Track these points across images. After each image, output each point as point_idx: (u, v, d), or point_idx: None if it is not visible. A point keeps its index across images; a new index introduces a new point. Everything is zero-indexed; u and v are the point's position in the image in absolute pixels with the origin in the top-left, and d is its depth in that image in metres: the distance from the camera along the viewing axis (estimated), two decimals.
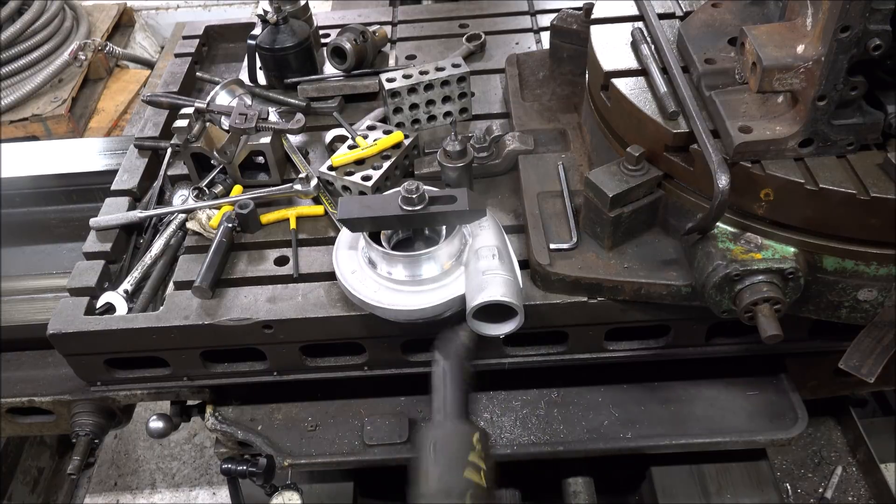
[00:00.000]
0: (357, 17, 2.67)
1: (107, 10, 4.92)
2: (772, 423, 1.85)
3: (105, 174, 2.32)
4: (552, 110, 2.10)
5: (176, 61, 2.53)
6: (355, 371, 1.84)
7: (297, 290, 1.75)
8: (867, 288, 1.50)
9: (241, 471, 1.93)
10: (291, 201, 1.99)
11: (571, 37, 2.15)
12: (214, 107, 1.91)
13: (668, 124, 1.53)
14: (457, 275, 1.61)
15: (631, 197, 1.58)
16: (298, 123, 1.89)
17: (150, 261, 1.91)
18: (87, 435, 1.95)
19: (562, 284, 1.64)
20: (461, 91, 2.15)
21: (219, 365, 1.84)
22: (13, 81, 4.15)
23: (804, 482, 2.56)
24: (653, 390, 1.94)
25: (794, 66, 1.33)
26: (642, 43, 1.72)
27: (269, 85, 2.32)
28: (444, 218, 1.60)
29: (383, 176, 1.91)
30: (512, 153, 1.94)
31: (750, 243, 1.49)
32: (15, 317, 2.03)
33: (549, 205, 1.77)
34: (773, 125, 1.41)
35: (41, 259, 2.36)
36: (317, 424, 1.93)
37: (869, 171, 1.38)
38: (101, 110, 4.39)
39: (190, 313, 1.71)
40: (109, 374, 1.84)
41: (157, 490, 3.23)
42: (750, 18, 1.68)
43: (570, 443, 1.85)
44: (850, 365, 1.49)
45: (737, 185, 1.39)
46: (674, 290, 1.59)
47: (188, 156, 2.01)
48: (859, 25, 1.22)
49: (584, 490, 2.06)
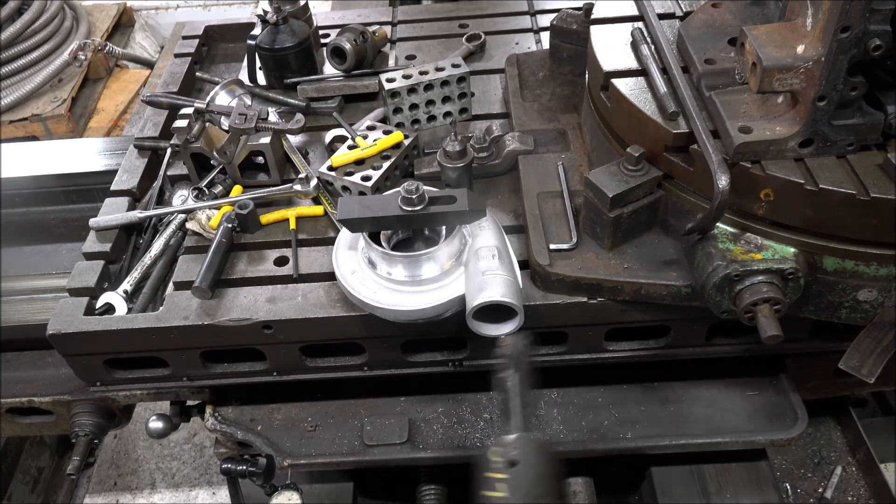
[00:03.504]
0: (357, 17, 2.67)
1: (107, 10, 4.92)
2: (772, 423, 1.85)
3: (105, 174, 2.32)
4: (552, 110, 2.10)
5: (176, 61, 2.53)
6: (355, 371, 1.84)
7: (296, 291, 1.75)
8: (867, 288, 1.50)
9: (241, 471, 1.93)
10: (291, 201, 1.99)
11: (571, 37, 2.15)
12: (214, 107, 1.91)
13: (668, 124, 1.53)
14: (457, 275, 1.61)
15: (631, 197, 1.58)
16: (298, 124, 1.89)
17: (150, 261, 1.91)
18: (87, 435, 1.95)
19: (562, 285, 1.64)
20: (461, 91, 2.15)
21: (218, 365, 1.84)
22: (13, 81, 4.14)
23: (804, 482, 2.55)
24: (653, 390, 1.93)
25: (794, 66, 1.33)
26: (642, 43, 1.72)
27: (269, 85, 2.32)
28: (443, 218, 1.60)
29: (383, 176, 1.91)
30: (512, 153, 1.94)
31: (750, 244, 1.49)
32: (15, 317, 2.03)
33: (549, 205, 1.77)
34: (773, 125, 1.41)
35: (41, 259, 2.36)
36: (316, 425, 1.93)
37: (869, 172, 1.38)
38: (101, 110, 4.39)
39: (190, 313, 1.71)
40: (109, 375, 1.84)
41: (157, 490, 3.23)
42: (750, 19, 1.67)
43: (570, 443, 1.85)
44: (850, 365, 1.49)
45: (737, 186, 1.39)
46: (674, 291, 1.59)
47: (188, 156, 2.01)
48: (859, 26, 1.22)
49: (584, 490, 2.05)
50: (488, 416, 1.92)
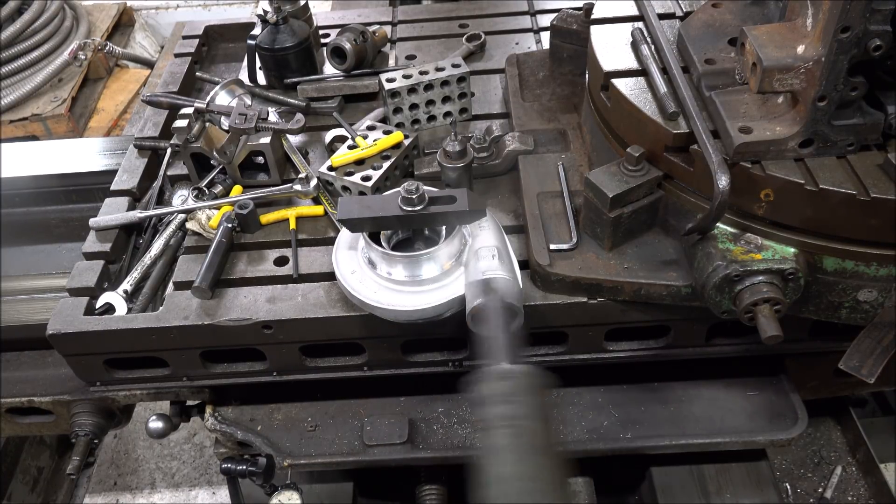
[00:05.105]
0: (357, 17, 2.66)
1: (106, 10, 4.92)
2: (772, 423, 1.85)
3: (105, 174, 2.31)
4: (552, 110, 2.10)
5: (176, 61, 2.53)
6: (355, 371, 1.84)
7: (296, 291, 1.75)
8: (867, 288, 1.50)
9: (241, 471, 1.93)
10: (291, 201, 1.99)
11: (571, 37, 2.15)
12: (214, 107, 1.90)
13: (668, 125, 1.53)
14: (457, 275, 1.61)
15: (631, 197, 1.58)
16: (298, 123, 1.89)
17: (150, 261, 1.91)
18: (87, 435, 1.94)
19: (562, 285, 1.64)
20: (461, 91, 2.14)
21: (218, 365, 1.84)
22: (13, 81, 4.14)
23: (804, 482, 2.55)
24: (653, 391, 1.93)
25: (794, 66, 1.33)
26: (642, 43, 1.72)
27: (269, 85, 2.32)
28: (443, 218, 1.59)
29: (383, 176, 1.91)
30: (512, 153, 1.94)
31: (750, 244, 1.49)
32: (14, 317, 2.03)
33: (549, 205, 1.77)
34: (774, 126, 1.41)
35: (41, 259, 2.36)
36: (316, 424, 1.93)
37: (869, 172, 1.38)
38: (101, 110, 4.39)
39: (189, 313, 1.71)
40: (109, 375, 1.84)
41: (157, 490, 3.23)
42: (750, 19, 1.67)
43: (570, 443, 1.85)
44: (851, 365, 1.49)
45: (737, 186, 1.39)
46: (674, 291, 1.59)
47: (188, 156, 2.01)
48: (859, 26, 1.21)
49: (584, 490, 2.06)
50: None
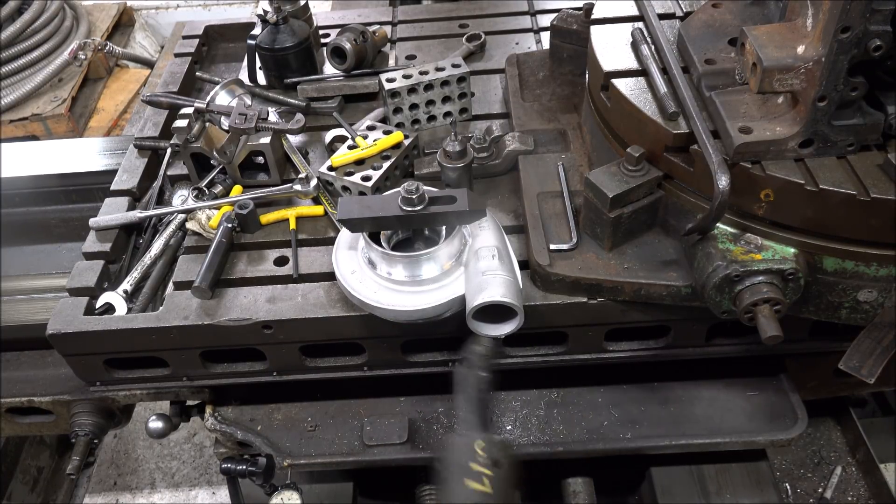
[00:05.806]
0: (357, 17, 2.67)
1: (107, 10, 4.92)
2: (771, 423, 1.85)
3: (105, 174, 2.32)
4: (552, 110, 2.10)
5: (176, 61, 2.53)
6: (355, 371, 1.84)
7: (296, 291, 1.75)
8: (867, 289, 1.50)
9: (241, 471, 1.93)
10: (291, 201, 1.99)
11: (571, 37, 2.15)
12: (214, 107, 1.90)
13: (669, 125, 1.53)
14: (457, 275, 1.61)
15: (631, 197, 1.58)
16: (298, 123, 1.89)
17: (150, 261, 1.91)
18: (87, 435, 1.95)
19: (562, 285, 1.64)
20: (461, 91, 2.14)
21: (218, 365, 1.84)
22: (13, 81, 4.14)
23: (804, 482, 2.56)
24: (653, 391, 1.93)
25: (794, 66, 1.33)
26: (642, 43, 1.72)
27: (269, 85, 2.32)
28: (443, 218, 1.60)
29: (383, 176, 1.91)
30: (512, 153, 1.94)
31: (750, 244, 1.49)
32: (14, 317, 2.03)
33: (549, 205, 1.77)
34: (774, 126, 1.41)
35: (41, 259, 2.36)
36: (316, 425, 1.93)
37: (869, 172, 1.38)
38: (101, 110, 4.39)
39: (189, 313, 1.71)
40: (109, 375, 1.84)
41: (157, 490, 3.23)
42: (750, 19, 1.67)
43: (570, 443, 1.85)
44: (850, 366, 1.49)
45: (737, 186, 1.39)
46: (674, 291, 1.59)
47: (188, 156, 2.01)
48: (860, 26, 1.21)
49: (583, 490, 2.05)
50: (488, 416, 1.92)
